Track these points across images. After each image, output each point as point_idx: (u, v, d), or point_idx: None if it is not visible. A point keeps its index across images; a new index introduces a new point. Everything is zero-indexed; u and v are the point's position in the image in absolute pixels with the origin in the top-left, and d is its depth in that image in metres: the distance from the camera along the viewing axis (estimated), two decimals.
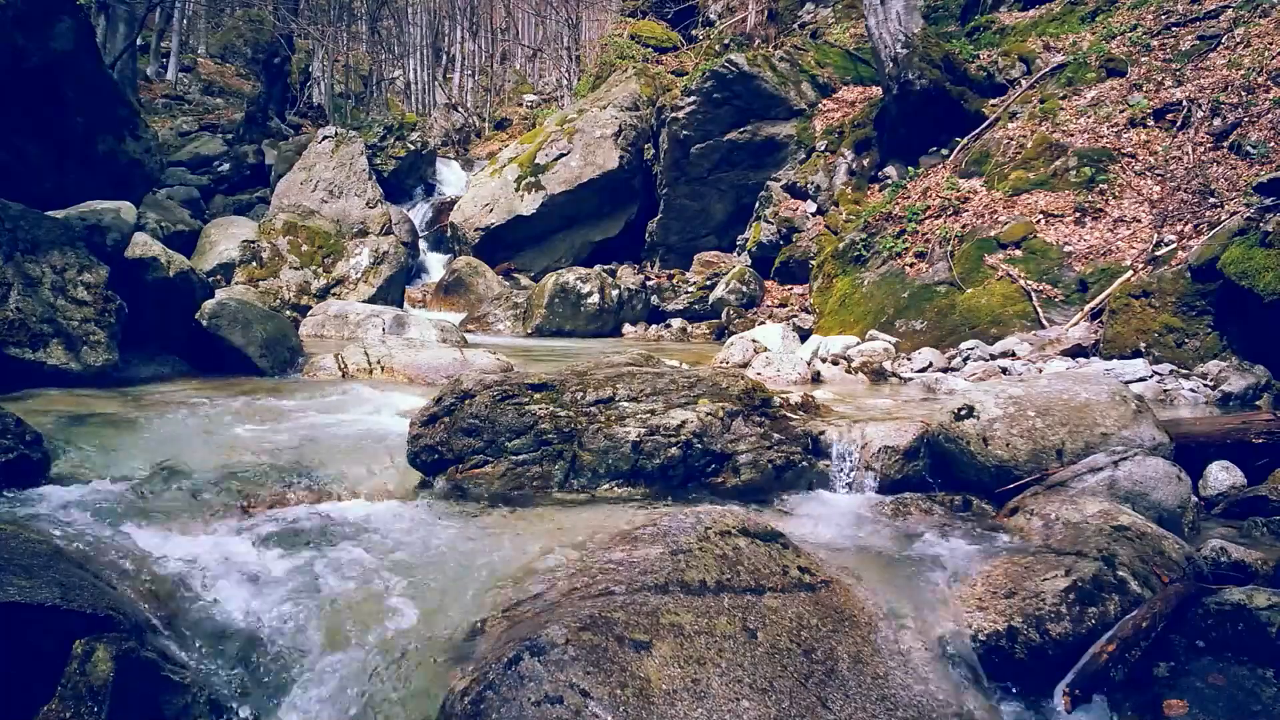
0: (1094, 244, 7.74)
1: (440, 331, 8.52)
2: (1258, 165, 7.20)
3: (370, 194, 13.89)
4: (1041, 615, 2.33)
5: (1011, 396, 3.54)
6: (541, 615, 2.13)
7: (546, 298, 11.57)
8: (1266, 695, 2.15)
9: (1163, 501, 3.13)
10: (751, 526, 2.53)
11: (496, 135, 23.44)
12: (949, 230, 8.67)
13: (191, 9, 27.98)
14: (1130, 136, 8.72)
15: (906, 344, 7.63)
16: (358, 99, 26.39)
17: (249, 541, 2.72)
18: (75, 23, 7.83)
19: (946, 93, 10.50)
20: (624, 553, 2.38)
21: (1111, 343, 6.42)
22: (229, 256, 11.77)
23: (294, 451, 3.64)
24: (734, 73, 12.86)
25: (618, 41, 19.12)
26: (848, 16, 15.98)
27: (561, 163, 14.48)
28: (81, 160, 8.28)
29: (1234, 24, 9.34)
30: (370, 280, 11.63)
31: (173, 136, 18.58)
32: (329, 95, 24.42)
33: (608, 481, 3.32)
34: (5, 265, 4.66)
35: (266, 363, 5.87)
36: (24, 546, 2.04)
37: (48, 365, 4.63)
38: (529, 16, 29.62)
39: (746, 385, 3.80)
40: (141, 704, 1.85)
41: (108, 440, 3.61)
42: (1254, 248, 5.54)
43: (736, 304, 11.61)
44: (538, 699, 1.81)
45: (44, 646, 1.80)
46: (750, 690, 1.94)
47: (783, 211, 12.21)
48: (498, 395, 3.49)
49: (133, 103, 10.01)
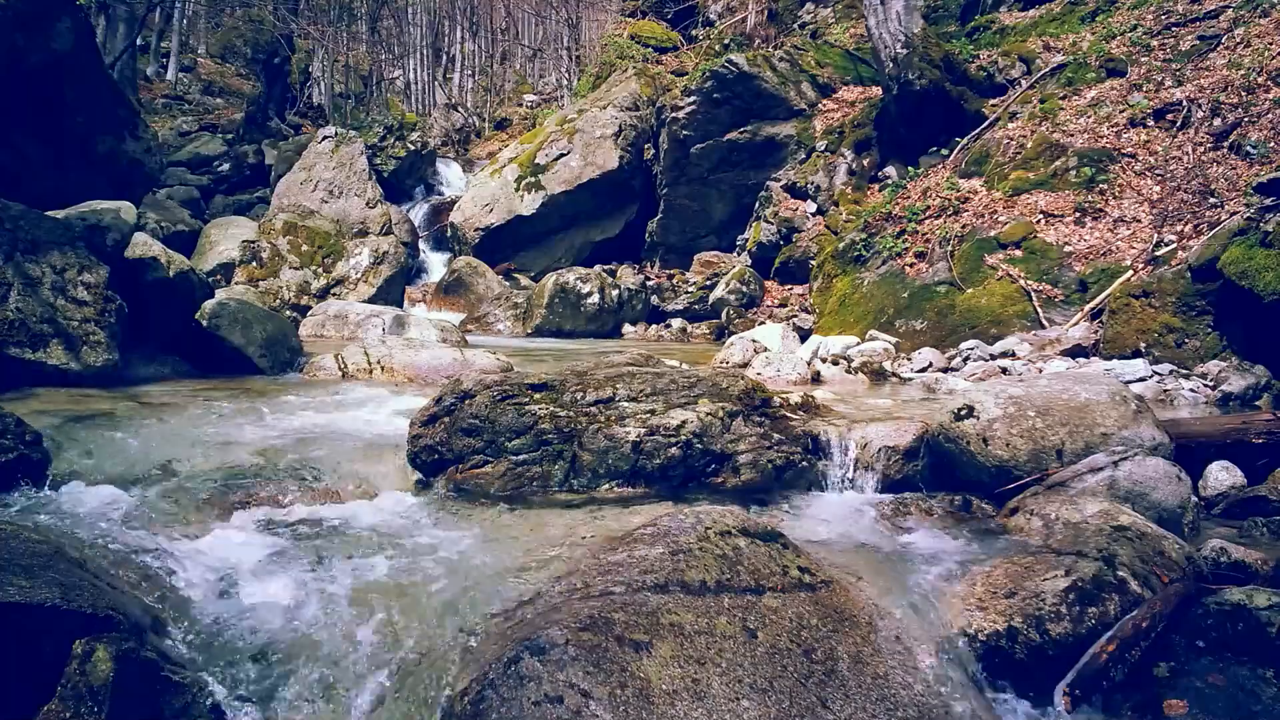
0: (1094, 244, 7.74)
1: (440, 332, 8.51)
2: (1258, 165, 7.20)
3: (370, 194, 13.89)
4: (1041, 615, 2.33)
5: (1011, 396, 3.54)
6: (541, 615, 2.13)
7: (546, 298, 11.57)
8: (1266, 695, 2.15)
9: (1163, 501, 3.13)
10: (751, 526, 2.53)
11: (496, 135, 23.41)
12: (949, 230, 8.67)
13: (191, 9, 27.98)
14: (1130, 136, 8.72)
15: (906, 344, 7.63)
16: (358, 99, 26.37)
17: (248, 541, 2.73)
18: (75, 23, 7.84)
19: (946, 93, 10.50)
20: (624, 553, 2.38)
21: (1111, 343, 6.42)
22: (229, 256, 11.78)
23: (294, 451, 3.64)
24: (734, 73, 12.86)
25: (618, 41, 19.11)
26: (848, 16, 15.99)
27: (561, 163, 14.48)
28: (81, 160, 8.28)
29: (1234, 24, 9.34)
30: (370, 280, 11.64)
31: (173, 136, 18.58)
32: (329, 95, 24.41)
33: (608, 481, 3.32)
34: (5, 265, 4.66)
35: (266, 363, 5.87)
36: (24, 546, 2.04)
37: (48, 365, 4.63)
38: (529, 16, 29.60)
39: (746, 385, 3.80)
40: (141, 704, 1.85)
41: (108, 440, 3.61)
42: (1254, 248, 5.54)
43: (736, 304, 11.61)
44: (538, 699, 1.81)
45: (44, 646, 1.80)
46: (750, 690, 1.94)
47: (783, 211, 12.21)
48: (498, 395, 3.49)
49: (133, 103, 10.01)
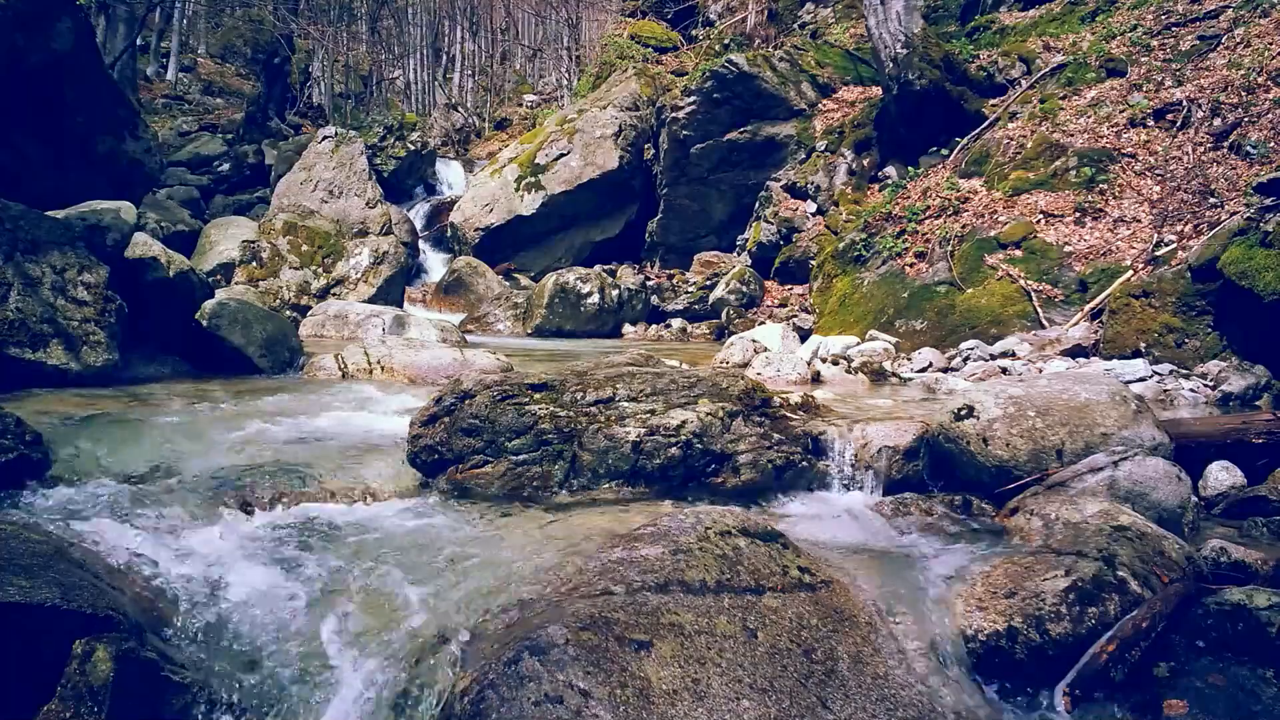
0: (1094, 244, 7.74)
1: (440, 332, 8.51)
2: (1258, 165, 7.20)
3: (370, 194, 13.89)
4: (1041, 615, 2.33)
5: (1011, 396, 3.54)
6: (541, 615, 2.13)
7: (546, 298, 11.57)
8: (1266, 695, 2.15)
9: (1163, 501, 3.12)
10: (751, 526, 2.53)
11: (496, 135, 23.42)
12: (949, 230, 8.67)
13: (191, 9, 27.98)
14: (1130, 136, 8.72)
15: (906, 344, 7.63)
16: (358, 99, 26.39)
17: (248, 541, 2.72)
18: (75, 23, 7.84)
19: (946, 93, 10.50)
20: (624, 553, 2.38)
21: (1111, 343, 6.42)
22: (229, 256, 11.78)
23: (294, 452, 3.64)
24: (734, 73, 12.86)
25: (618, 41, 19.11)
26: (848, 16, 15.99)
27: (561, 163, 14.48)
28: (81, 160, 8.28)
29: (1234, 24, 9.34)
30: (370, 280, 11.64)
31: (173, 136, 18.59)
32: (329, 95, 24.42)
33: (608, 481, 3.32)
34: (5, 265, 4.66)
35: (266, 363, 5.87)
36: (24, 546, 2.04)
37: (48, 365, 4.63)
38: (529, 16, 29.60)
39: (746, 385, 3.80)
40: (141, 704, 1.85)
41: (108, 440, 3.61)
42: (1254, 248, 5.54)
43: (736, 304, 11.61)
44: (538, 699, 1.81)
45: (44, 646, 1.80)
46: (750, 690, 1.94)
47: (783, 211, 12.21)
48: (498, 395, 3.49)
49: (133, 103, 10.01)
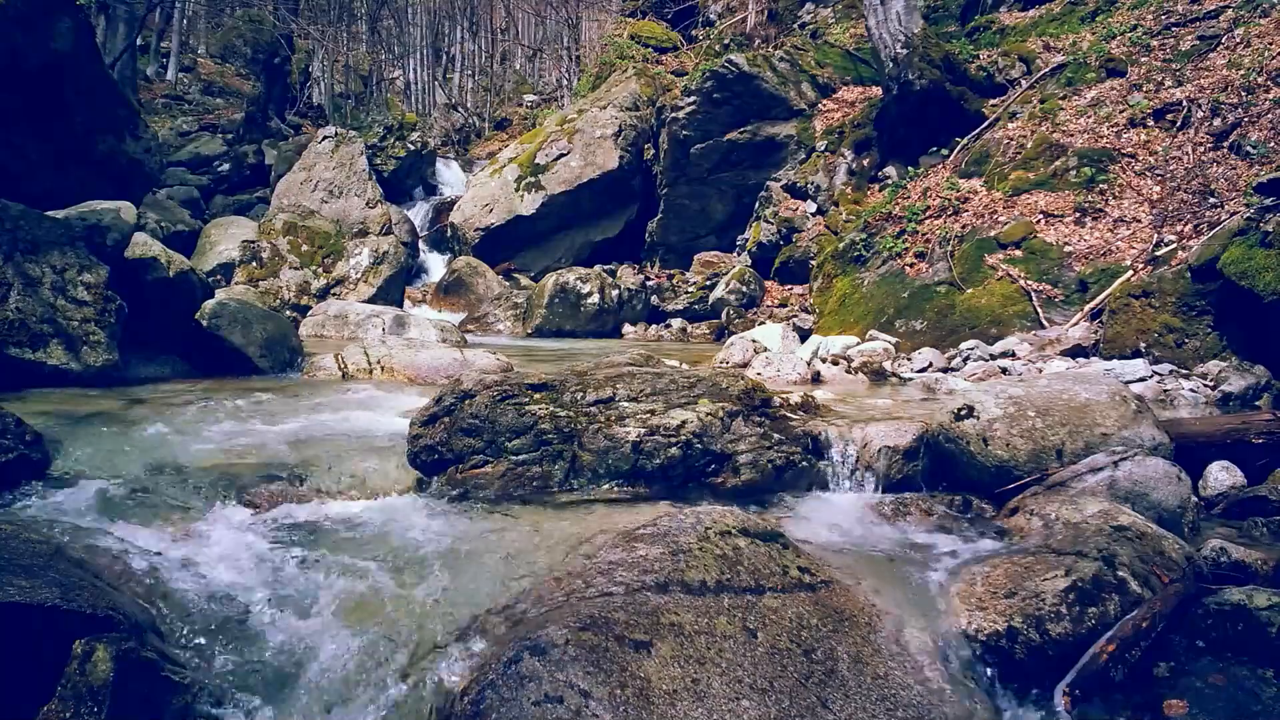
0: (1094, 244, 7.74)
1: (440, 332, 8.52)
2: (1258, 165, 7.20)
3: (370, 194, 13.89)
4: (1041, 615, 2.33)
5: (1011, 396, 3.54)
6: (541, 615, 2.13)
7: (546, 298, 11.57)
8: (1266, 695, 2.15)
9: (1163, 501, 3.12)
10: (751, 526, 2.53)
11: (496, 135, 23.43)
12: (949, 230, 8.67)
13: (191, 9, 27.98)
14: (1130, 136, 8.72)
15: (906, 344, 7.63)
16: (358, 99, 26.38)
17: (248, 541, 2.72)
18: (75, 23, 7.83)
19: (946, 93, 10.50)
20: (624, 553, 2.38)
21: (1111, 343, 6.41)
22: (229, 256, 11.79)
23: (294, 451, 3.64)
24: (734, 73, 12.86)
25: (618, 41, 19.10)
26: (848, 16, 15.98)
27: (561, 163, 14.48)
28: (81, 160, 8.27)
29: (1234, 24, 9.34)
30: (370, 280, 11.64)
31: (173, 136, 18.58)
32: (329, 95, 24.42)
33: (608, 481, 3.32)
34: (5, 265, 4.66)
35: (266, 363, 5.87)
36: (24, 546, 2.04)
37: (48, 365, 4.63)
38: (529, 16, 29.60)
39: (746, 385, 3.80)
40: (141, 704, 1.85)
41: (107, 440, 3.61)
42: (1254, 248, 5.54)
43: (736, 304, 11.61)
44: (538, 699, 1.81)
45: (44, 646, 1.80)
46: (750, 690, 1.94)
47: (783, 211, 12.21)
48: (498, 395, 3.49)
49: (133, 103, 10.01)
